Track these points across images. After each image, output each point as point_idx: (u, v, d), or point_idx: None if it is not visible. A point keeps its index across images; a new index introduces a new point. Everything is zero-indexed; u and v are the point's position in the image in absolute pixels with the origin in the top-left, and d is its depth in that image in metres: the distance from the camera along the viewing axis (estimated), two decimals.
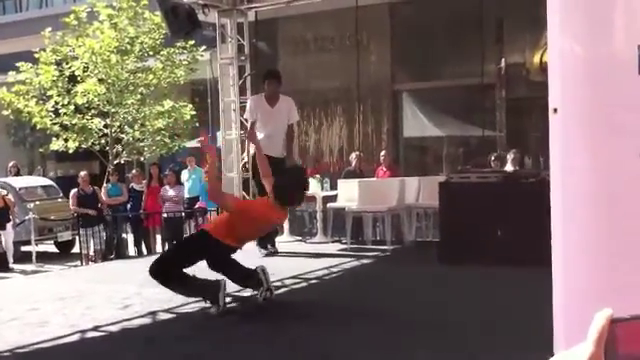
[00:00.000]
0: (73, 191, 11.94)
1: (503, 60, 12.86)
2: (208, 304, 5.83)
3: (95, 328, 5.42)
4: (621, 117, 1.90)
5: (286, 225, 10.48)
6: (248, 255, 7.98)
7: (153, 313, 5.80)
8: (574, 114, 1.92)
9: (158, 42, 14.34)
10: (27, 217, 12.49)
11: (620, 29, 1.92)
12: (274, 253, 8.52)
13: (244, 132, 9.72)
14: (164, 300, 6.23)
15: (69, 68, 14.30)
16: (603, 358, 0.82)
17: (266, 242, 8.58)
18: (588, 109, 1.92)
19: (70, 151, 14.66)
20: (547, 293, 1.97)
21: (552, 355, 0.90)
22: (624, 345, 0.83)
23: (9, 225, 12.25)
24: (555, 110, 1.93)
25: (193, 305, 6.05)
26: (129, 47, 14.22)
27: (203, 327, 5.46)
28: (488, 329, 4.70)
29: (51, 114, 14.45)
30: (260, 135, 8.39)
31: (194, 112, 15.03)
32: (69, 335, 5.29)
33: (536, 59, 12.57)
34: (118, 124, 14.59)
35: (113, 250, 12.04)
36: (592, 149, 1.90)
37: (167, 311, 5.88)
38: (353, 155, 12.05)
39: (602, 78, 1.94)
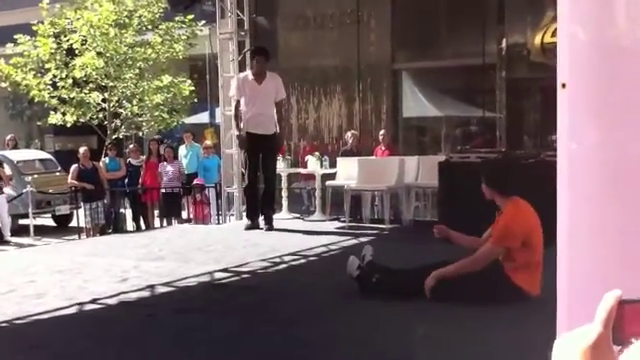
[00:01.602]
0: (74, 166, 11.91)
1: (504, 40, 12.78)
2: (206, 278, 5.85)
3: (93, 301, 5.44)
4: (629, 93, 1.89)
5: (284, 202, 10.49)
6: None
7: (151, 286, 5.82)
8: (583, 90, 1.91)
9: (157, 16, 14.24)
10: (25, 190, 12.47)
11: (627, 9, 1.90)
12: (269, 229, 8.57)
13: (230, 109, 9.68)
14: (162, 274, 6.25)
15: (67, 41, 14.20)
16: (611, 338, 0.81)
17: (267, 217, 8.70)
18: (597, 85, 1.90)
19: (68, 125, 14.60)
20: (548, 274, 1.96)
21: (555, 337, 0.90)
22: (632, 326, 0.82)
23: (1, 197, 12.17)
24: (563, 85, 1.91)
25: (192, 279, 6.07)
26: (127, 20, 14.12)
27: (202, 300, 5.48)
28: (485, 308, 4.71)
29: (49, 87, 14.38)
30: (248, 113, 8.50)
31: (193, 88, 14.97)
32: (67, 307, 5.31)
33: (537, 40, 12.49)
34: (116, 99, 14.53)
35: (111, 224, 12.04)
36: (601, 124, 1.88)
37: (166, 285, 5.90)
38: (349, 134, 12.02)
39: (610, 55, 1.92)
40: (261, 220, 8.75)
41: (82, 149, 12.14)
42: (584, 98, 1.88)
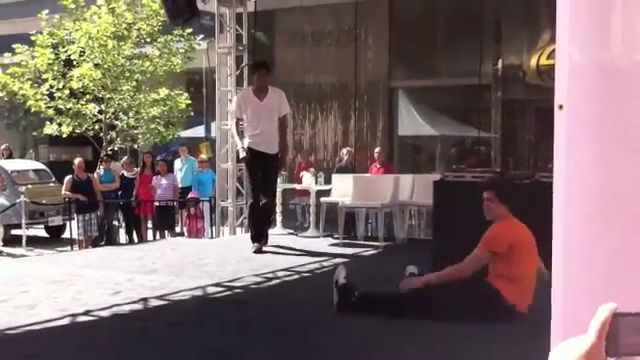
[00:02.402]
0: (68, 177, 11.89)
1: (500, 61, 12.88)
2: (199, 292, 5.84)
3: (86, 312, 5.41)
4: (626, 115, 1.92)
5: (279, 218, 10.49)
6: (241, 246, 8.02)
7: (144, 299, 5.80)
8: (579, 110, 1.93)
9: (155, 29, 14.31)
10: (18, 200, 12.44)
11: (624, 32, 1.93)
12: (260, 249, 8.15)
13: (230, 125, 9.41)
14: (156, 287, 6.23)
15: (65, 52, 14.24)
16: (604, 349, 0.83)
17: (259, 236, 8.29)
18: (594, 106, 1.93)
19: (64, 136, 14.61)
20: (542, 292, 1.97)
21: (549, 351, 0.91)
22: (626, 338, 0.84)
23: None
24: (561, 107, 1.94)
25: (185, 293, 6.06)
26: (126, 33, 14.19)
27: (195, 314, 5.47)
28: (476, 330, 4.72)
29: (46, 97, 14.41)
30: (251, 132, 8.11)
31: (189, 101, 15.00)
32: (59, 319, 5.28)
33: (533, 62, 12.60)
34: (113, 110, 14.55)
35: (104, 236, 12.01)
36: (597, 146, 1.91)
37: (159, 298, 5.87)
38: (344, 151, 12.07)
39: (608, 77, 1.95)
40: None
41: (77, 160, 12.14)
42: (581, 120, 1.91)
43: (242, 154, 8.17)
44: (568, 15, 1.98)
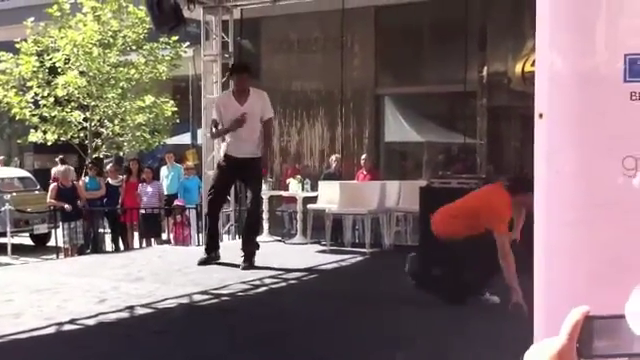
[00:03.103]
0: (53, 185, 11.82)
1: (485, 68, 12.96)
2: (185, 300, 5.82)
3: (71, 321, 5.39)
4: (606, 123, 1.94)
5: (265, 225, 10.49)
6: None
7: (130, 308, 5.78)
8: (560, 120, 1.96)
9: (141, 36, 14.27)
10: (3, 208, 12.35)
11: (608, 38, 1.96)
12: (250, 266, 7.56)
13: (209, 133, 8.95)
14: (142, 295, 6.22)
15: (50, 59, 14.17)
16: (575, 351, 0.85)
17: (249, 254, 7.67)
18: (574, 115, 1.95)
19: (49, 143, 14.53)
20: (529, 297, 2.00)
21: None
22: (600, 340, 0.85)
23: None
24: (541, 115, 1.96)
25: (171, 301, 6.04)
26: (112, 40, 14.14)
27: (181, 322, 5.46)
28: (464, 332, 4.74)
29: (31, 105, 14.33)
30: (229, 138, 7.62)
31: (175, 108, 14.98)
32: (44, 327, 5.25)
33: (518, 69, 12.69)
34: (98, 118, 14.49)
35: (89, 244, 11.94)
36: (577, 154, 1.93)
37: (145, 306, 5.86)
38: (333, 157, 12.09)
39: (588, 85, 1.98)
40: (240, 256, 7.64)
41: (60, 168, 12.08)
42: (562, 128, 1.93)
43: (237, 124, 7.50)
44: (548, 22, 2.00)
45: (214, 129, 7.91)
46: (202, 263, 7.72)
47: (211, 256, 7.80)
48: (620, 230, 1.88)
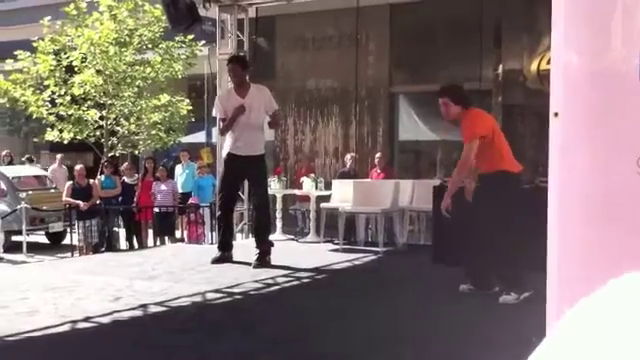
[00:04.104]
0: (68, 183, 11.90)
1: (501, 66, 12.88)
2: (199, 299, 5.85)
3: (86, 319, 5.41)
4: (620, 122, 1.92)
5: (279, 224, 10.49)
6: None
7: (144, 306, 5.80)
8: (574, 118, 1.93)
9: (157, 35, 14.31)
10: (19, 206, 12.44)
11: (621, 38, 1.94)
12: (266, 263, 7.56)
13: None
14: (155, 293, 6.23)
15: (67, 58, 14.25)
16: None
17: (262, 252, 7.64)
18: (588, 114, 1.93)
19: (65, 142, 14.62)
20: (541, 295, 1.98)
21: None
22: None
23: None
24: (556, 114, 1.94)
25: (185, 299, 6.05)
26: (128, 39, 14.19)
27: (194, 320, 5.46)
28: (473, 335, 4.71)
29: (47, 104, 14.41)
30: (232, 134, 7.49)
31: (190, 107, 15.02)
32: (59, 325, 5.28)
33: (533, 67, 12.60)
34: (114, 116, 14.56)
35: (104, 243, 12.01)
36: (591, 152, 1.91)
37: (158, 304, 5.87)
38: (348, 156, 12.06)
39: (603, 84, 1.96)
40: (254, 255, 7.60)
41: (78, 167, 12.15)
42: (576, 127, 1.91)
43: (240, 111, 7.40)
44: (564, 21, 1.98)
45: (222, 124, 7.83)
46: (216, 262, 7.72)
47: (224, 255, 7.79)
48: (633, 228, 1.86)
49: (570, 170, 1.91)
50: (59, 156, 13.87)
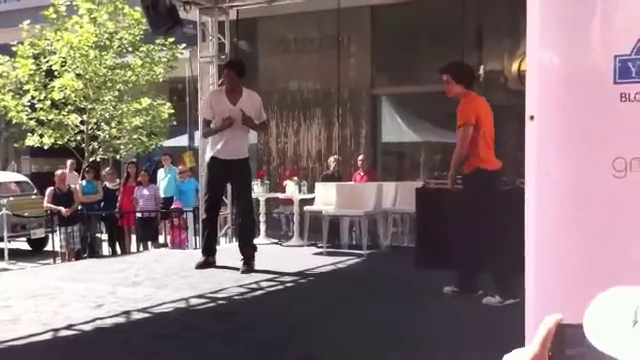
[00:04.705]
0: (49, 189, 11.79)
1: (482, 67, 12.95)
2: (182, 304, 5.81)
3: (68, 327, 5.37)
4: (596, 125, 1.93)
5: (262, 227, 10.47)
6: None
7: (127, 312, 5.76)
8: (550, 121, 1.95)
9: (138, 38, 14.25)
10: (0, 213, 12.33)
11: (597, 40, 1.95)
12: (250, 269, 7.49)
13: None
14: (139, 300, 6.20)
15: (47, 62, 14.16)
16: (547, 358, 0.85)
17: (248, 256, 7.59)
18: (564, 117, 1.94)
19: (45, 147, 14.51)
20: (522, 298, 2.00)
21: None
22: (571, 349, 0.85)
23: None
24: (532, 117, 1.95)
25: (168, 305, 6.02)
26: (108, 42, 14.13)
27: (177, 326, 5.44)
28: (459, 335, 4.73)
29: (27, 109, 14.31)
30: (218, 139, 7.37)
31: (172, 110, 14.96)
32: (41, 333, 5.23)
33: (514, 68, 12.68)
34: (95, 121, 14.48)
35: (87, 249, 11.92)
36: (567, 156, 1.92)
37: (142, 311, 5.84)
38: (331, 159, 12.06)
39: (579, 87, 1.97)
40: (240, 260, 7.56)
41: (58, 172, 12.05)
42: (551, 130, 1.92)
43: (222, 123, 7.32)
44: (539, 24, 1.99)
45: (205, 127, 7.76)
46: (200, 267, 7.68)
47: (208, 260, 7.74)
48: (610, 231, 1.87)
49: (547, 173, 1.92)
50: (70, 161, 13.72)
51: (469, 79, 6.05)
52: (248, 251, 7.57)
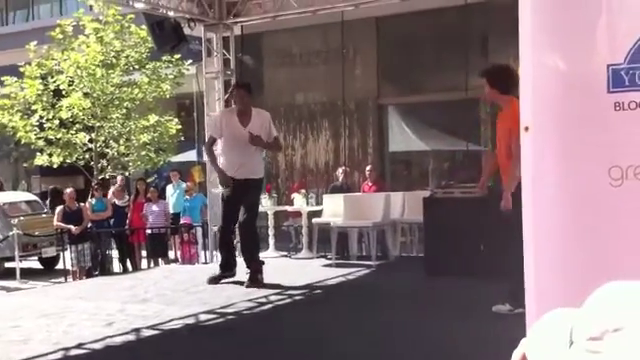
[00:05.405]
0: (59, 208, 11.85)
1: None
2: (192, 320, 5.80)
3: (78, 346, 5.38)
4: (591, 134, 1.93)
5: (271, 240, 10.47)
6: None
7: (137, 330, 5.77)
8: (545, 132, 1.95)
9: (144, 56, 14.34)
10: (11, 233, 12.39)
11: (590, 50, 1.95)
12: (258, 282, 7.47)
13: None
14: (148, 317, 6.21)
15: (54, 82, 14.26)
16: None
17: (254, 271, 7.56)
18: (559, 127, 1.94)
19: (54, 166, 14.59)
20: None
21: None
22: None
23: None
24: (526, 128, 1.96)
25: (177, 321, 6.03)
26: (115, 61, 14.21)
27: (186, 343, 5.44)
28: (469, 346, 4.70)
29: (36, 129, 14.40)
30: (230, 160, 7.43)
31: (180, 126, 15.03)
32: (52, 353, 5.24)
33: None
34: (103, 139, 14.55)
35: (97, 266, 11.95)
36: (563, 166, 1.92)
37: (151, 328, 5.85)
38: (340, 170, 12.07)
39: (573, 97, 1.97)
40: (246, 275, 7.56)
41: (68, 190, 12.10)
42: (547, 140, 1.93)
43: (227, 182, 7.50)
44: (530, 33, 2.00)
45: (209, 153, 7.89)
46: (212, 281, 7.68)
47: (224, 275, 7.74)
48: (608, 239, 1.87)
49: (543, 184, 1.92)
50: (120, 177, 13.72)
51: (505, 83, 5.68)
52: (253, 265, 7.56)
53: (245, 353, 5.05)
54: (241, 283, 7.56)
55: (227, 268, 7.79)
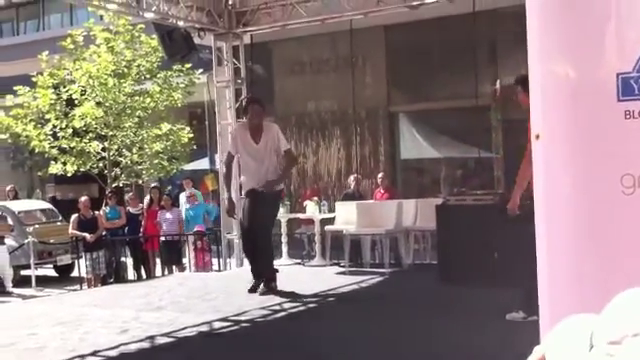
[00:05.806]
0: (74, 216, 11.94)
1: (498, 81, 12.95)
2: (205, 328, 5.84)
3: (93, 353, 5.43)
4: (603, 142, 1.95)
5: (284, 248, 10.50)
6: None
7: (151, 337, 5.82)
8: (556, 140, 1.97)
9: (155, 65, 14.43)
10: (26, 241, 12.49)
11: (600, 58, 1.98)
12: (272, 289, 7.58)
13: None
14: (163, 324, 6.25)
15: (67, 92, 14.37)
16: None
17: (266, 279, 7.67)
18: (570, 135, 1.97)
19: (69, 174, 14.70)
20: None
21: None
22: None
23: (3, 248, 12.16)
24: (537, 136, 1.98)
25: (191, 329, 6.07)
26: (126, 70, 14.31)
27: (201, 351, 5.48)
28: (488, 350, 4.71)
29: (49, 138, 14.51)
30: (249, 175, 7.63)
31: (192, 135, 15.11)
32: None
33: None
34: (116, 147, 14.65)
35: (112, 274, 12.02)
36: (575, 174, 1.94)
37: (165, 335, 5.89)
38: (351, 178, 12.09)
39: (584, 105, 1.99)
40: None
41: (83, 198, 12.19)
42: (558, 148, 1.95)
43: (230, 213, 8.03)
44: (539, 41, 2.02)
45: (224, 172, 8.24)
46: (252, 291, 7.59)
47: (259, 282, 7.66)
48: (622, 247, 1.88)
49: (555, 192, 1.94)
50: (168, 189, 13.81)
51: None
52: (266, 273, 7.59)
53: None
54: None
55: (260, 275, 7.75)
